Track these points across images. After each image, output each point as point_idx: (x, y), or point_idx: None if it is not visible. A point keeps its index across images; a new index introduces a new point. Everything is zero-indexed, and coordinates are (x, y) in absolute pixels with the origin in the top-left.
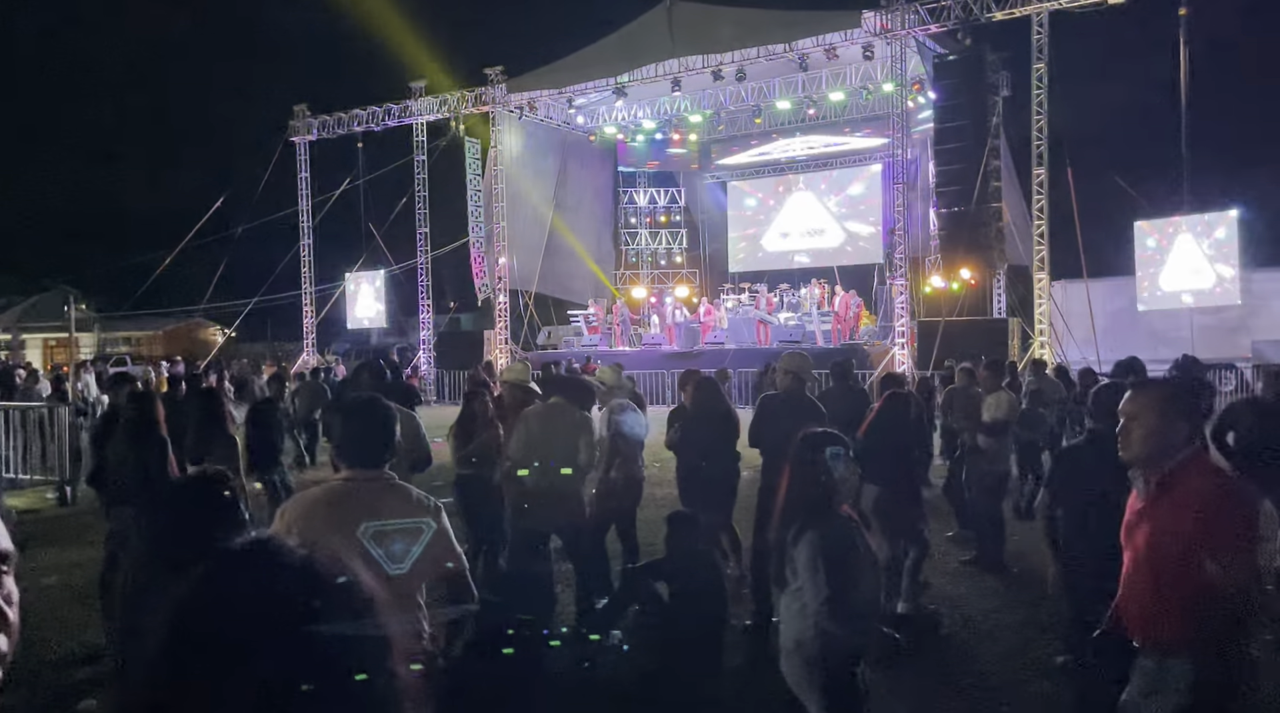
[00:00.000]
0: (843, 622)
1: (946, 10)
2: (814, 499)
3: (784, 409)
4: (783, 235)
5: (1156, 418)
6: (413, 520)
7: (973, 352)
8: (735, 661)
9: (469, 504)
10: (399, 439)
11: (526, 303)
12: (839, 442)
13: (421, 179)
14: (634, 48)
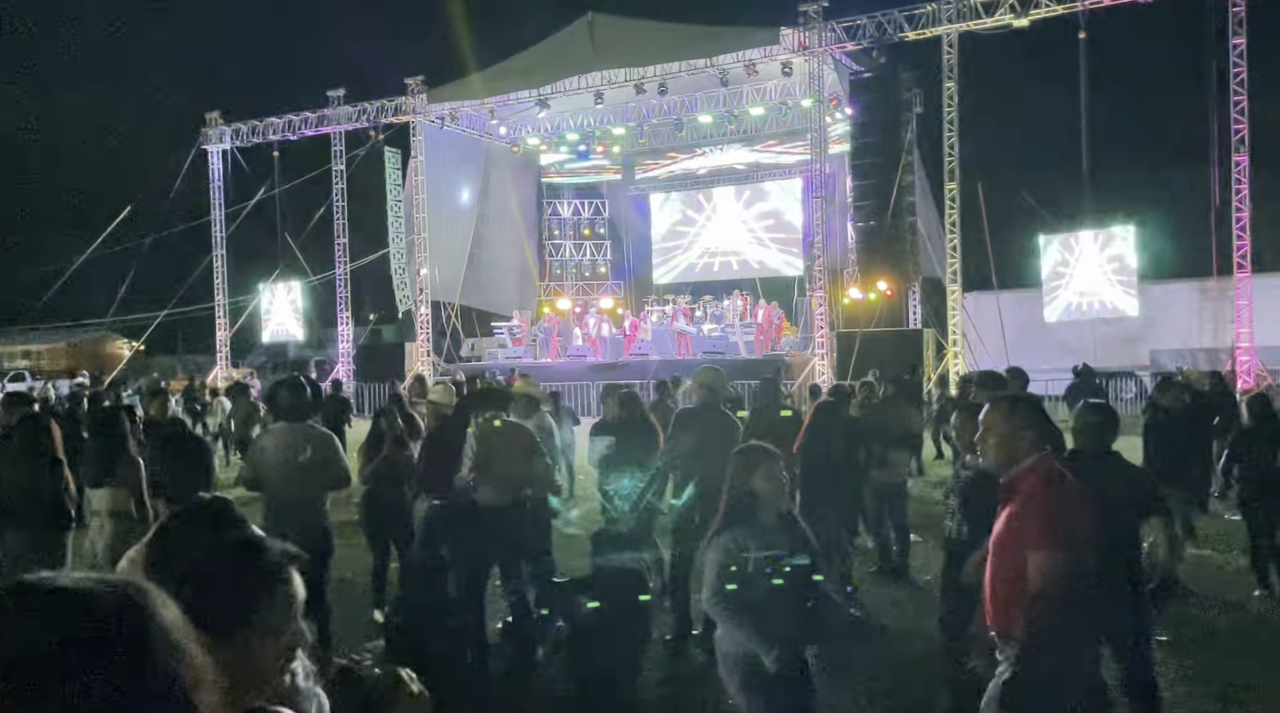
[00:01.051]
0: (739, 612)
1: (861, 29)
2: (738, 509)
3: (698, 423)
4: (705, 248)
5: (1005, 427)
6: None
7: (891, 363)
8: (657, 675)
9: (374, 522)
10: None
11: (449, 315)
12: (771, 456)
13: (340, 189)
14: (556, 60)
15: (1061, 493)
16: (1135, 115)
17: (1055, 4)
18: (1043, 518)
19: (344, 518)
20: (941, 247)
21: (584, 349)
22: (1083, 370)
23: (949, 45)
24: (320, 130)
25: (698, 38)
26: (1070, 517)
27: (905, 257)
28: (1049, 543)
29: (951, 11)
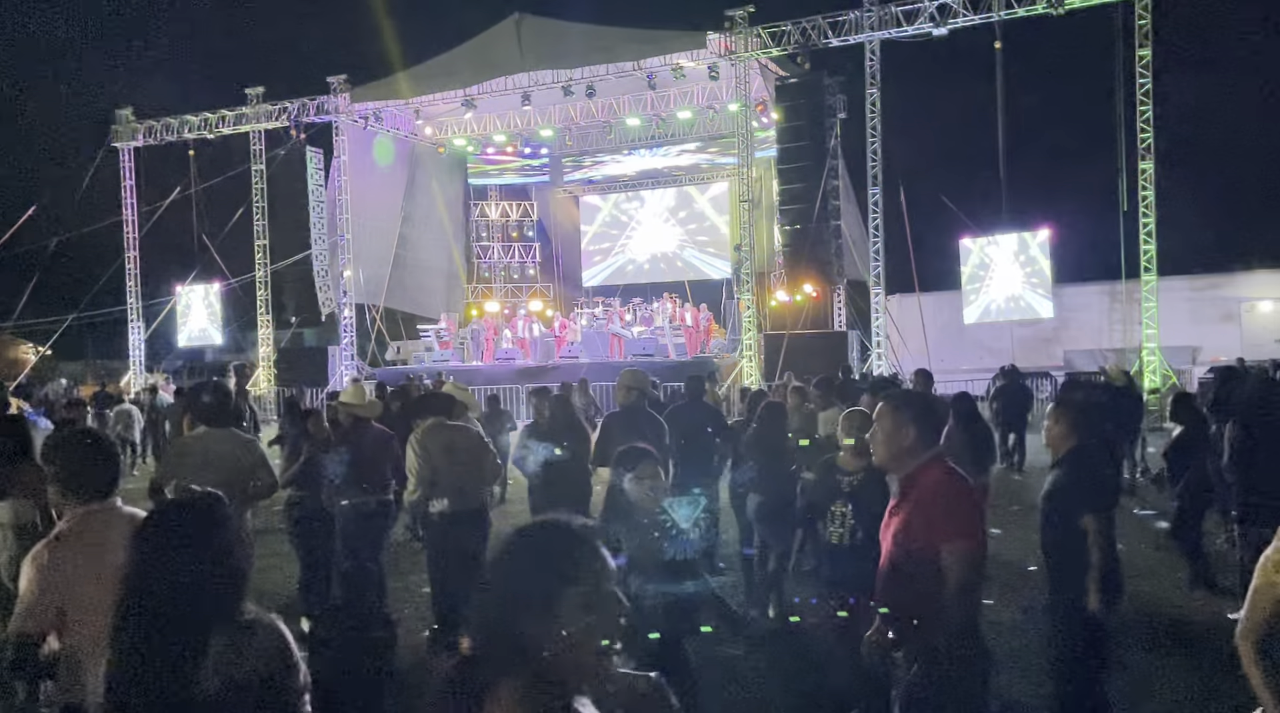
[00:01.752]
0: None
1: (786, 35)
2: (614, 506)
3: (626, 424)
4: (634, 250)
5: (891, 425)
6: None
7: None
8: None
9: (299, 528)
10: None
11: (374, 317)
12: (649, 456)
13: (260, 189)
14: (482, 60)
15: (966, 487)
16: (1049, 123)
17: (972, 14)
18: (954, 511)
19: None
20: (865, 250)
21: (513, 352)
22: (1009, 371)
23: (871, 52)
24: (238, 129)
25: (625, 41)
26: (977, 510)
27: (830, 260)
28: (965, 534)
29: (874, 19)
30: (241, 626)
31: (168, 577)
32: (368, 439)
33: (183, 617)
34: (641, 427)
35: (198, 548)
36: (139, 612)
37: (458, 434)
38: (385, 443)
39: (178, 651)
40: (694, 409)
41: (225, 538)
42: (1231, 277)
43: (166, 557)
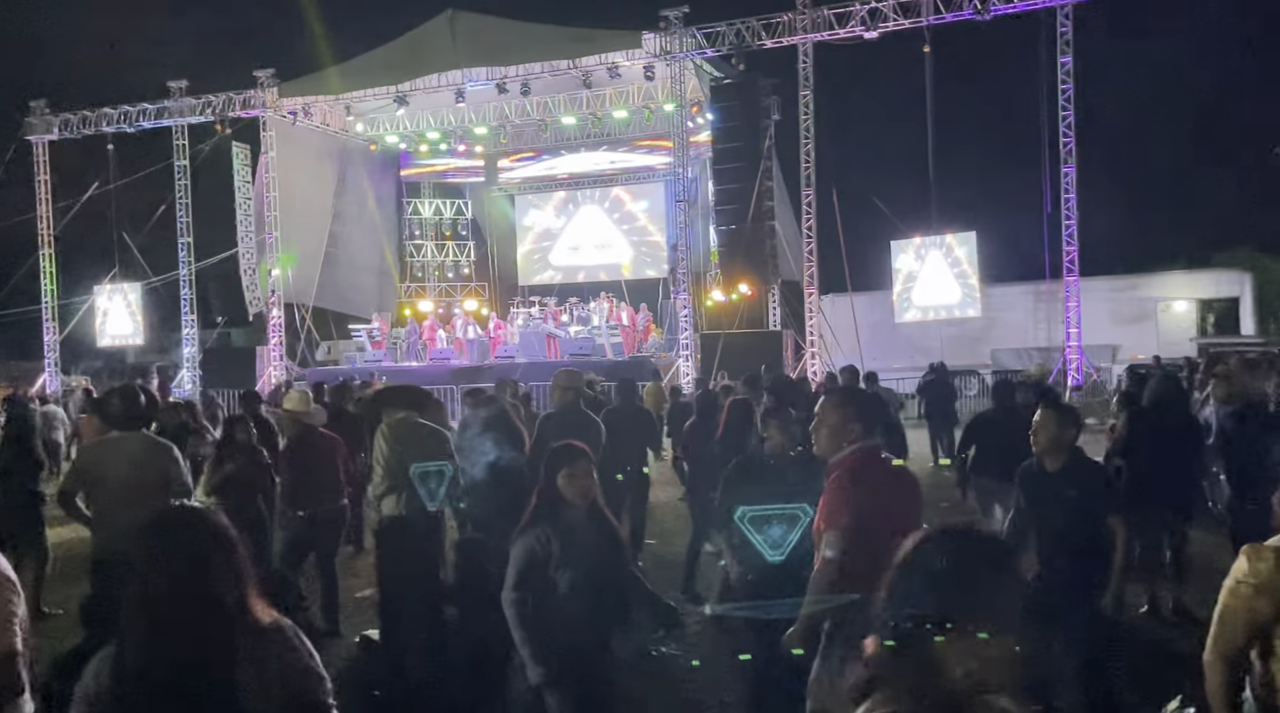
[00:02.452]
0: (521, 622)
1: (721, 36)
2: (542, 506)
3: (562, 426)
4: (571, 249)
5: (835, 419)
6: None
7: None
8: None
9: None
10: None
11: (303, 317)
12: (580, 454)
13: (183, 185)
14: (415, 56)
15: (862, 479)
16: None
17: (902, 18)
18: (844, 497)
19: None
20: (799, 250)
21: (447, 352)
22: (938, 367)
23: (805, 55)
24: (160, 123)
25: (560, 39)
26: (864, 502)
27: (765, 260)
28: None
29: (806, 22)
30: (256, 630)
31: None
32: (316, 446)
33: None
34: (577, 428)
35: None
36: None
37: (427, 433)
38: (333, 450)
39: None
40: (625, 413)
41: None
42: (1148, 277)
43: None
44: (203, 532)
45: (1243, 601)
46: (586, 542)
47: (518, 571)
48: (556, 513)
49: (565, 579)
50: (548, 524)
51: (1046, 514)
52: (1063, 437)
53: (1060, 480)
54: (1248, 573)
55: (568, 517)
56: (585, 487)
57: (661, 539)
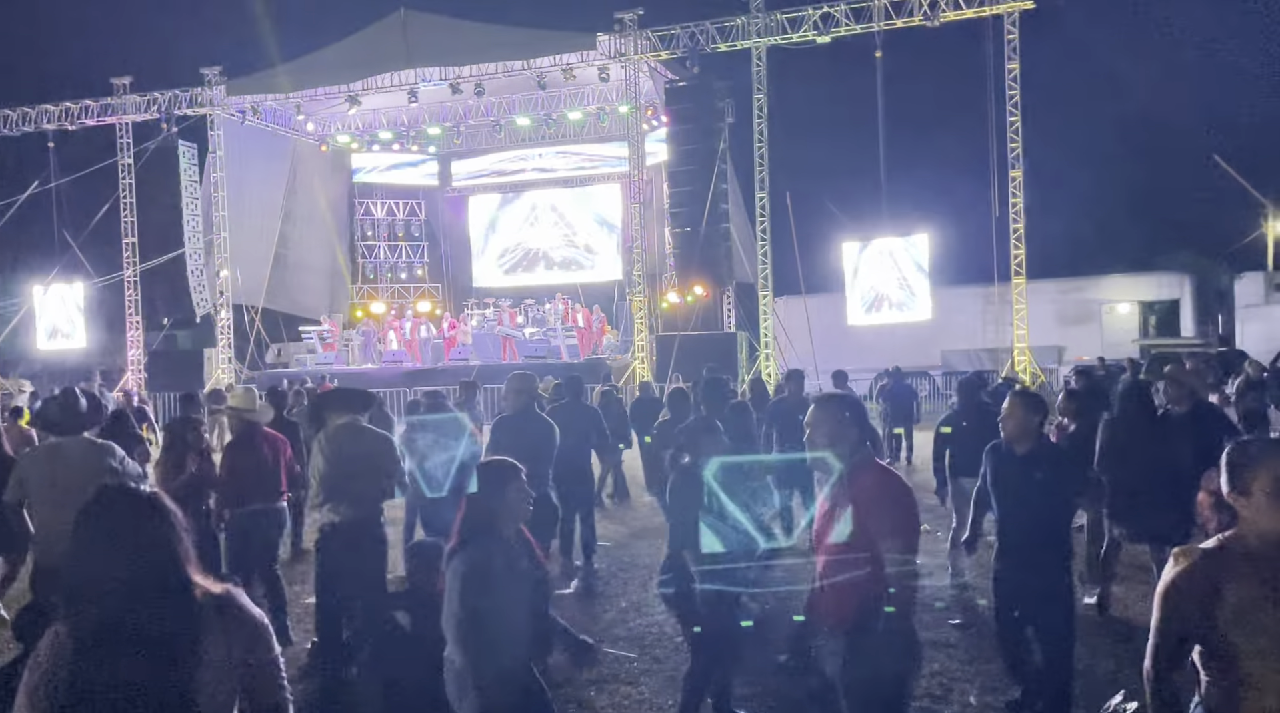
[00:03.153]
0: (472, 644)
1: (675, 39)
2: (478, 523)
3: (516, 430)
4: (525, 251)
5: (834, 424)
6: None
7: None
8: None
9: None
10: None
11: (253, 319)
12: (515, 470)
13: (128, 184)
14: (367, 56)
15: (903, 488)
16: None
17: (854, 23)
18: (896, 509)
19: None
20: (753, 252)
21: (400, 354)
22: (894, 371)
23: (758, 58)
24: (104, 120)
25: (515, 40)
26: (914, 509)
27: (720, 262)
28: (902, 530)
29: (760, 26)
30: (210, 600)
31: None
32: (261, 445)
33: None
34: (532, 432)
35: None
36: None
37: (371, 438)
38: (277, 449)
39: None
40: (573, 410)
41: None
42: (1093, 280)
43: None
44: (144, 506)
45: (1173, 605)
46: (520, 563)
47: (461, 592)
48: (495, 530)
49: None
50: (490, 541)
51: (1014, 494)
52: (1029, 422)
53: (1028, 463)
54: (1177, 575)
55: (505, 536)
56: (525, 508)
57: (617, 544)
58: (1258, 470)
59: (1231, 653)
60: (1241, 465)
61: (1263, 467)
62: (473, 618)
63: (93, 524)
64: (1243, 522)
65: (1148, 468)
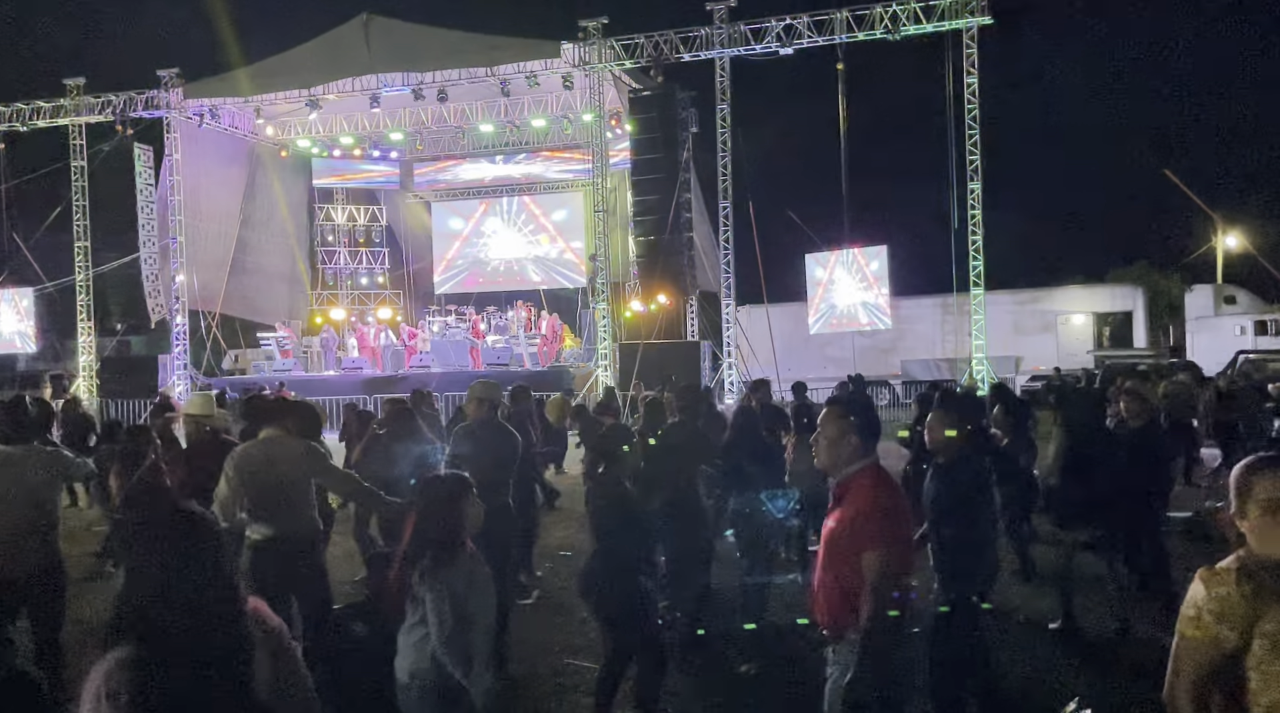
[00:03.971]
0: (459, 656)
1: (640, 48)
2: (440, 538)
3: (478, 439)
4: (488, 258)
5: (835, 431)
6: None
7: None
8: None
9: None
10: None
11: (210, 324)
12: (469, 484)
13: (81, 187)
14: (328, 60)
15: (896, 495)
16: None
17: (817, 36)
18: (890, 518)
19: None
20: (716, 262)
21: (360, 361)
22: (855, 378)
23: (721, 69)
24: (56, 122)
25: (478, 46)
26: (903, 519)
27: (683, 271)
28: (898, 539)
29: (723, 36)
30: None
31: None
32: (216, 453)
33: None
34: (494, 442)
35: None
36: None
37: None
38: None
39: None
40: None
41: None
42: (1049, 291)
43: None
44: (198, 524)
45: (1207, 631)
46: (482, 580)
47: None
48: (460, 544)
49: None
50: (461, 554)
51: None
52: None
53: (950, 471)
54: (1208, 599)
55: (467, 551)
56: (478, 521)
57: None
58: (1252, 491)
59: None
60: (1238, 487)
61: (1256, 487)
62: (467, 629)
63: (151, 545)
64: (1247, 544)
65: (1102, 478)
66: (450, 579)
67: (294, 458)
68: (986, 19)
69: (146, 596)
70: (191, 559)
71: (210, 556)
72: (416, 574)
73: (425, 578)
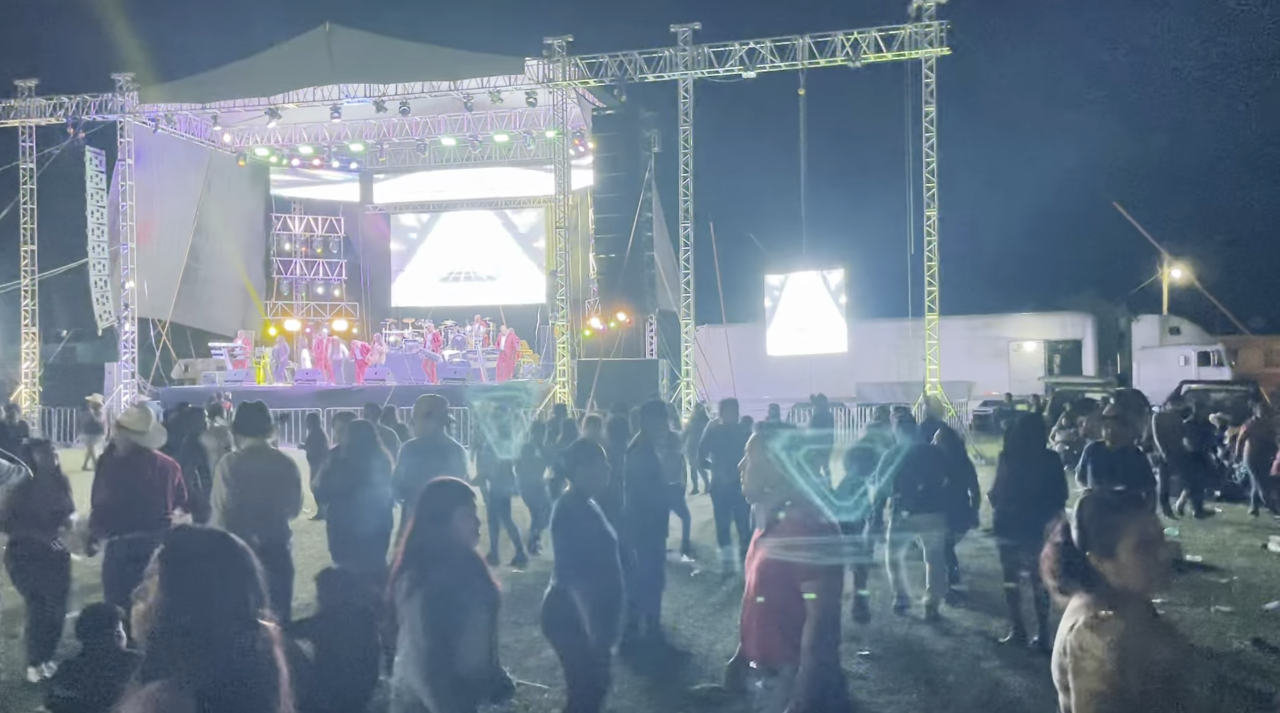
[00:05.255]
0: (440, 673)
1: (604, 67)
2: (434, 549)
3: (425, 454)
4: (447, 272)
5: (759, 456)
6: None
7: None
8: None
9: (23, 573)
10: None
11: (159, 333)
12: (469, 493)
13: (29, 190)
14: (288, 69)
15: (828, 523)
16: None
17: (779, 61)
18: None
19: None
20: (677, 281)
21: (314, 373)
22: (819, 398)
23: (685, 90)
24: (5, 123)
25: (442, 60)
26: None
27: (643, 289)
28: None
29: (687, 58)
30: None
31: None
32: (141, 468)
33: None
34: (442, 457)
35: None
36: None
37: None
38: (165, 473)
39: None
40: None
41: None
42: (1001, 318)
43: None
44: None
45: (1112, 683)
46: (476, 587)
47: (433, 628)
48: (452, 556)
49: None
50: (450, 568)
51: None
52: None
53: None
54: (1103, 648)
55: (460, 564)
56: (475, 526)
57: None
58: (1124, 530)
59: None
60: (1106, 525)
61: (1130, 526)
62: (444, 648)
63: (181, 569)
64: (1103, 584)
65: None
66: (431, 594)
67: (281, 471)
68: (945, 50)
69: (186, 624)
70: (231, 587)
71: (243, 580)
72: (403, 585)
73: (410, 590)
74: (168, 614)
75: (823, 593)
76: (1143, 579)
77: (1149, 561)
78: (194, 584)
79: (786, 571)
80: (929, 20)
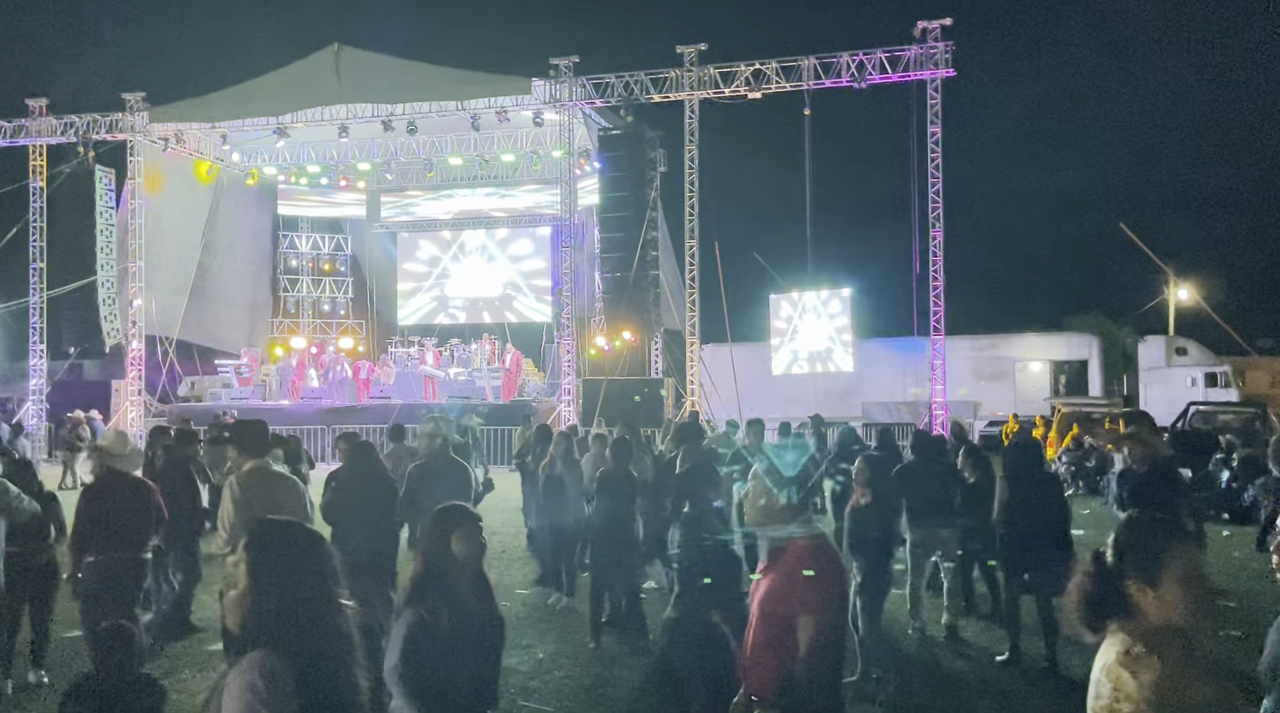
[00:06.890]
0: (397, 689)
1: (610, 87)
2: (431, 573)
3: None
4: (453, 290)
5: (762, 485)
6: None
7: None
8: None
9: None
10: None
11: (166, 350)
12: (472, 516)
13: (38, 208)
14: (298, 88)
15: (833, 556)
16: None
17: (785, 82)
18: (828, 580)
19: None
20: (682, 300)
21: (320, 391)
22: (814, 419)
23: (691, 110)
24: (16, 142)
25: (449, 80)
26: (838, 581)
27: (648, 308)
28: (834, 602)
29: (693, 79)
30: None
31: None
32: (118, 489)
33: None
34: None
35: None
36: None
37: (279, 482)
38: (142, 495)
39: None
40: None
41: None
42: (1007, 338)
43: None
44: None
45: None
46: (474, 616)
47: (405, 643)
48: (445, 583)
49: (454, 656)
50: (436, 596)
51: None
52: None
53: None
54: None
55: (456, 585)
56: (478, 550)
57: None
58: (1169, 558)
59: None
60: (1151, 551)
61: (1176, 553)
62: (410, 671)
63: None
64: (1140, 613)
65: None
66: (416, 621)
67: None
68: (949, 72)
69: (274, 605)
70: (310, 571)
71: (320, 565)
72: (401, 596)
73: (399, 610)
74: (259, 597)
75: (823, 623)
76: (1185, 614)
77: (1194, 593)
78: (281, 569)
79: (787, 601)
80: (934, 41)
